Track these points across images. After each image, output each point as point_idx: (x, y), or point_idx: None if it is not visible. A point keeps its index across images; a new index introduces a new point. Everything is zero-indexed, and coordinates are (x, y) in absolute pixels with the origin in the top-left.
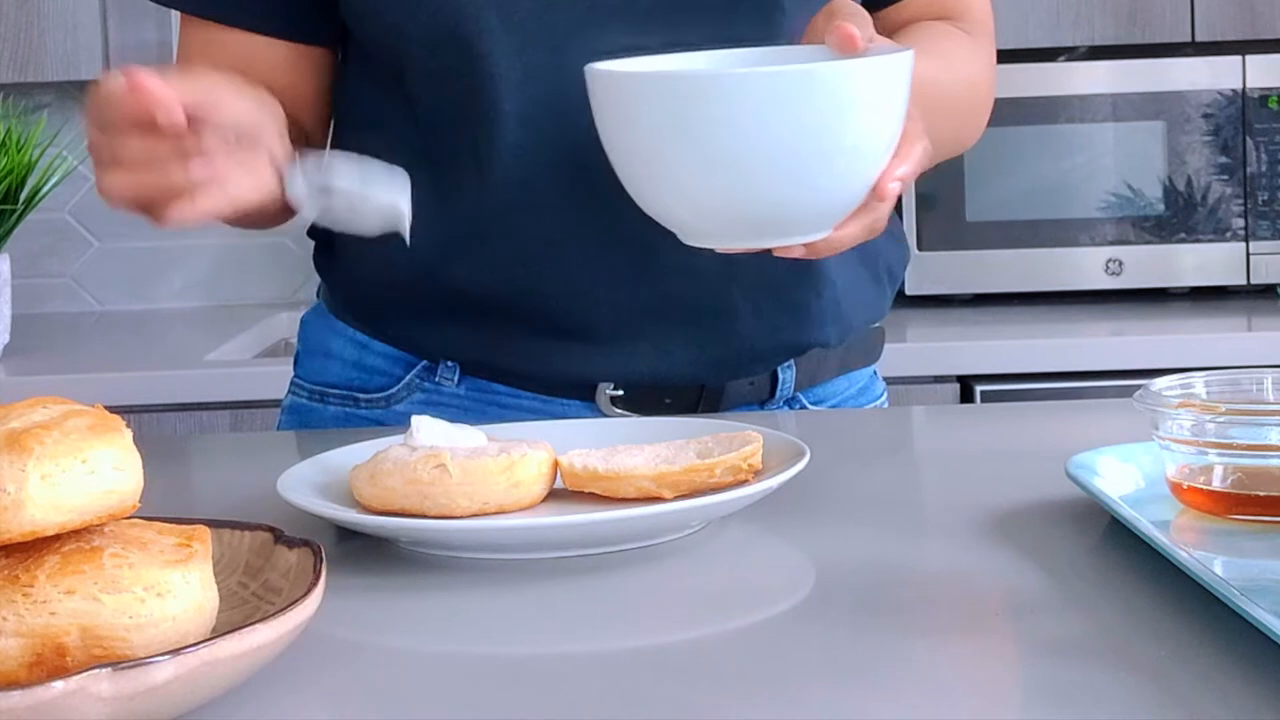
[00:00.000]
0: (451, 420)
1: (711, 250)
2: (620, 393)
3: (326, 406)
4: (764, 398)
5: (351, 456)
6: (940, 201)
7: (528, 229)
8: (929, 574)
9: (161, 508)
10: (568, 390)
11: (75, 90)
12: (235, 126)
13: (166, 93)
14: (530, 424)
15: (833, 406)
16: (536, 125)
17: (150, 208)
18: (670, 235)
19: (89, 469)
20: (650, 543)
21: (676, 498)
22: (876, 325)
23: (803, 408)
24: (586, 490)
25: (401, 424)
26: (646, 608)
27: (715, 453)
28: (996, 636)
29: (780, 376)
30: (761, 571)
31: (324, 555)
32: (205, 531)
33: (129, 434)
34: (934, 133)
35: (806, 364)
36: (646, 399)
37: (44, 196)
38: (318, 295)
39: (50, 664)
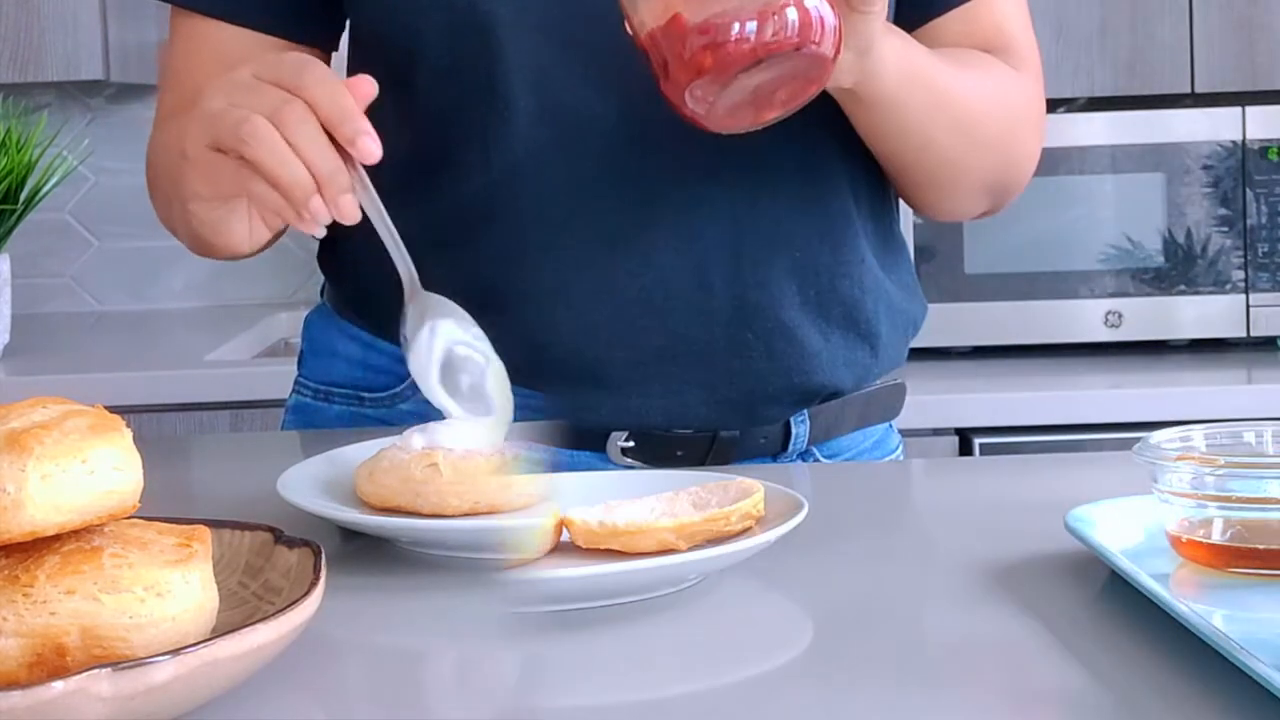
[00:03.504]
0: None
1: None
2: (631, 444)
3: (331, 405)
4: (776, 451)
5: (351, 456)
6: (939, 253)
7: (540, 270)
8: (927, 627)
9: (162, 508)
10: (579, 440)
11: (75, 90)
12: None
13: (375, 141)
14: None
15: (847, 460)
16: (551, 164)
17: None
18: (684, 276)
19: (89, 469)
20: (645, 596)
21: (692, 548)
22: (897, 381)
23: (815, 461)
24: (604, 546)
25: (406, 423)
26: (643, 661)
27: (711, 502)
28: (996, 690)
29: (794, 430)
30: (759, 624)
31: (324, 555)
32: (205, 531)
33: (129, 434)
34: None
35: (823, 418)
36: (658, 449)
37: (44, 196)
38: (321, 294)
39: (50, 664)
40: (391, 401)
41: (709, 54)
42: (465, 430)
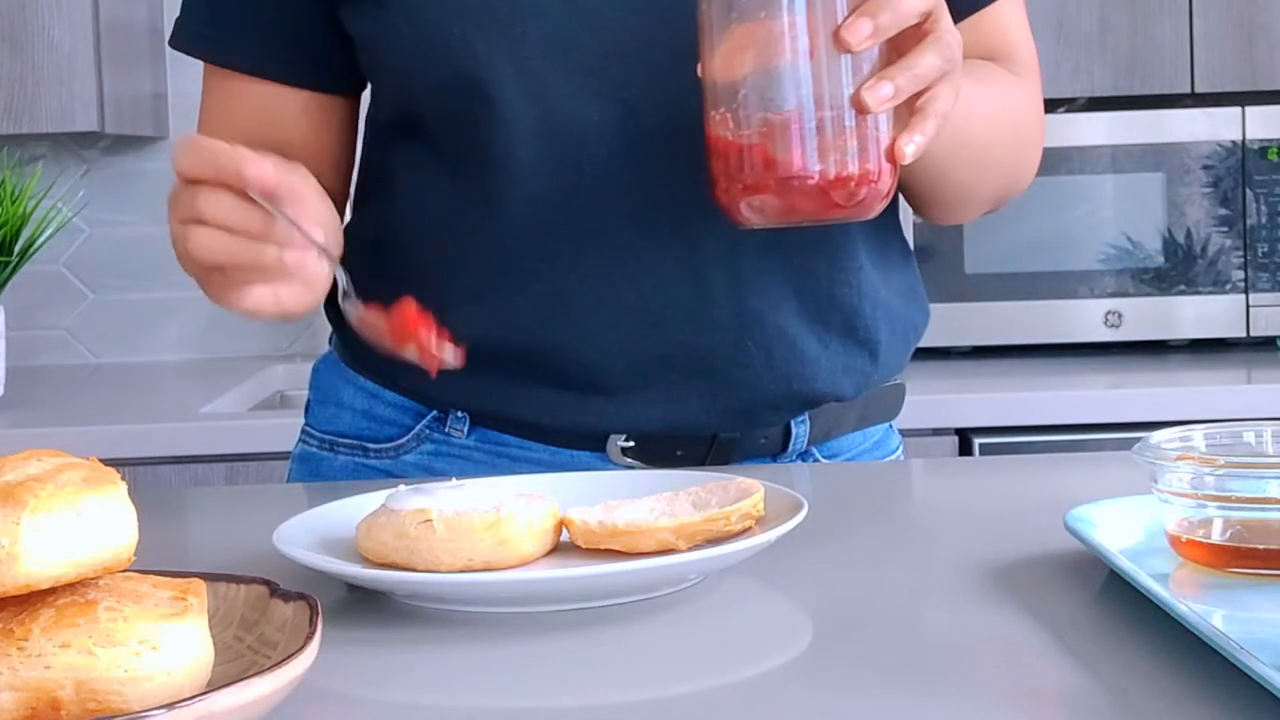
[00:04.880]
0: (461, 471)
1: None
2: (631, 444)
3: (336, 456)
4: (776, 451)
5: (347, 509)
6: (939, 253)
7: (541, 279)
8: (926, 627)
9: (157, 561)
10: (579, 441)
11: (70, 142)
12: (312, 231)
13: (265, 166)
14: (529, 477)
15: (846, 460)
16: (550, 172)
17: (227, 278)
18: (683, 284)
19: (83, 522)
20: (645, 596)
21: (692, 548)
22: (897, 382)
23: (815, 461)
24: (603, 546)
25: (411, 475)
26: (642, 661)
27: (711, 502)
28: (995, 690)
29: (794, 431)
30: (758, 625)
31: (320, 608)
32: (200, 584)
33: (124, 487)
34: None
35: (822, 419)
36: (658, 450)
37: (39, 249)
38: (329, 343)
39: (45, 718)
40: (396, 453)
41: (777, 190)
42: (460, 493)
